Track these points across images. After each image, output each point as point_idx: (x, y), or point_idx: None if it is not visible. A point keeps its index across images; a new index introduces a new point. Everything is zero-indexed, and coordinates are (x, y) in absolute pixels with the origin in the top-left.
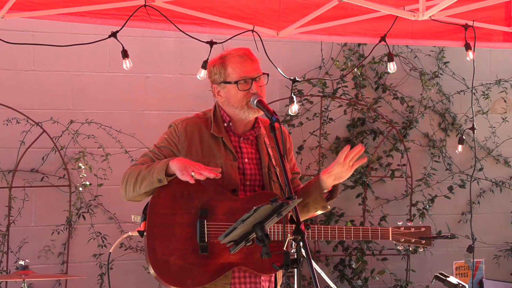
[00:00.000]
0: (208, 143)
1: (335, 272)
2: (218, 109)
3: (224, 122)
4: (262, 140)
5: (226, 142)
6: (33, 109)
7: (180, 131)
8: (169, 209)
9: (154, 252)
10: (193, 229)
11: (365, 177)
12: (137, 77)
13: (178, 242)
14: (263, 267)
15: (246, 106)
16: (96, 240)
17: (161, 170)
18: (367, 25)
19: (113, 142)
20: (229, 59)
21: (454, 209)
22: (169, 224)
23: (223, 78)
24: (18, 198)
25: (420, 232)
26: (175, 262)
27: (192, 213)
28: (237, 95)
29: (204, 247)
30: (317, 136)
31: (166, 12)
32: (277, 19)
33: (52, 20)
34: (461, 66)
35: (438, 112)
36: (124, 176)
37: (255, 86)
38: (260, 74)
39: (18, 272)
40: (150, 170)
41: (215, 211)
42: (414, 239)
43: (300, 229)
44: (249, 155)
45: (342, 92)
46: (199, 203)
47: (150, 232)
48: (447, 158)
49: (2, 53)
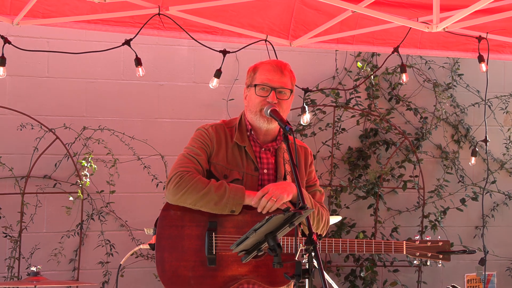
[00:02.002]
0: (233, 151)
1: (346, 283)
2: (243, 117)
3: (247, 131)
4: (281, 153)
5: (249, 152)
6: (47, 116)
7: (211, 135)
8: (178, 222)
9: (162, 264)
10: (202, 242)
11: (377, 188)
12: (151, 85)
13: (186, 254)
14: (271, 280)
15: (259, 114)
16: (105, 247)
17: (238, 203)
18: (378, 33)
19: (125, 149)
20: (262, 65)
21: (466, 222)
22: (178, 236)
23: (250, 81)
24: (30, 204)
25: (438, 246)
26: (183, 274)
27: (201, 226)
28: (255, 99)
29: (212, 259)
30: (329, 146)
31: (180, 20)
32: (289, 29)
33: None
34: (475, 78)
35: (451, 124)
36: (181, 180)
37: (273, 95)
38: (283, 87)
39: (30, 278)
40: (222, 196)
41: (224, 224)
42: (430, 254)
43: (312, 239)
44: (268, 165)
45: (355, 102)
46: (208, 216)
47: (159, 244)
48: (460, 170)
49: (17, 60)
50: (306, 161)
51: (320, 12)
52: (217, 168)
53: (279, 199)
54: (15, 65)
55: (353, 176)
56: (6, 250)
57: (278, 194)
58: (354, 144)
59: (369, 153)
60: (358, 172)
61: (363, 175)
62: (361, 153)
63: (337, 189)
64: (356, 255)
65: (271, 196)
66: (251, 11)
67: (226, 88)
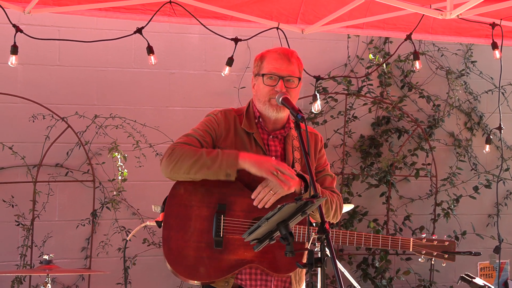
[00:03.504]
0: (241, 137)
1: (358, 271)
2: (251, 105)
3: (255, 118)
4: (290, 141)
5: (257, 139)
6: (58, 104)
7: (220, 120)
8: (187, 201)
9: (168, 242)
10: (210, 223)
11: (389, 176)
12: (162, 73)
13: (193, 235)
14: (277, 267)
15: (268, 103)
16: (120, 234)
17: (232, 164)
18: (391, 19)
19: (137, 137)
20: (269, 53)
21: (479, 210)
22: (186, 216)
23: (258, 70)
24: (42, 193)
25: (444, 246)
26: (189, 253)
27: (210, 207)
28: (263, 89)
29: (219, 241)
30: (341, 134)
31: (191, 8)
32: (301, 17)
33: (77, 15)
34: (488, 65)
35: (464, 111)
36: (172, 152)
37: (281, 84)
38: (291, 75)
39: (42, 266)
40: (214, 159)
41: (233, 207)
42: (436, 253)
43: (324, 227)
44: (276, 153)
45: (367, 90)
46: (218, 198)
47: (167, 222)
48: (473, 158)
49: (29, 48)
50: (316, 147)
51: None
52: None
53: (277, 192)
54: (26, 54)
55: (365, 164)
56: (18, 238)
57: (277, 187)
58: (366, 132)
59: (381, 141)
60: (370, 160)
61: (375, 163)
62: (373, 141)
63: (349, 177)
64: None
65: (270, 189)
66: None
67: (237, 76)
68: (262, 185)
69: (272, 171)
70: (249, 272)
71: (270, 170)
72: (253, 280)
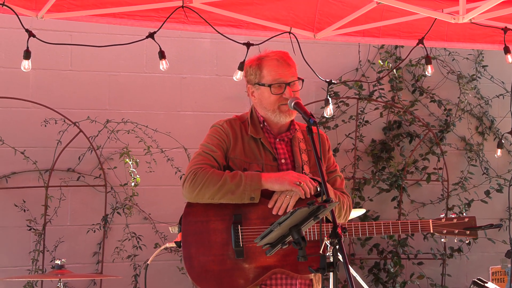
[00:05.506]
0: (249, 144)
1: (369, 276)
2: (254, 110)
3: (260, 123)
4: (296, 143)
5: (265, 143)
6: (70, 109)
7: (226, 130)
8: (202, 217)
9: (190, 260)
10: (228, 235)
11: (400, 180)
12: (173, 78)
13: (213, 248)
14: (299, 268)
15: (278, 110)
16: (131, 241)
17: (256, 188)
18: (403, 26)
19: (149, 142)
20: (266, 61)
21: (491, 214)
22: (204, 231)
23: (258, 79)
24: (54, 198)
25: (464, 222)
26: (212, 268)
27: (226, 219)
28: (270, 98)
29: (239, 251)
30: (352, 138)
31: (203, 13)
32: (314, 21)
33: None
34: (500, 69)
35: (476, 115)
36: (195, 177)
37: (289, 91)
38: (295, 79)
39: (54, 271)
40: (238, 185)
41: (248, 216)
42: (457, 230)
43: (336, 232)
44: (285, 155)
45: (379, 94)
46: (232, 209)
47: (185, 241)
48: (484, 162)
49: (41, 53)
50: (324, 147)
51: (344, 4)
52: (236, 163)
53: (293, 196)
54: (38, 59)
55: (377, 169)
56: (30, 243)
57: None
58: (377, 137)
59: (392, 145)
60: (381, 164)
61: (386, 167)
62: (384, 146)
63: (361, 181)
64: (380, 248)
65: (285, 195)
66: (276, 4)
67: None
68: (277, 193)
69: (295, 182)
70: (274, 277)
71: (293, 181)
72: (278, 285)
